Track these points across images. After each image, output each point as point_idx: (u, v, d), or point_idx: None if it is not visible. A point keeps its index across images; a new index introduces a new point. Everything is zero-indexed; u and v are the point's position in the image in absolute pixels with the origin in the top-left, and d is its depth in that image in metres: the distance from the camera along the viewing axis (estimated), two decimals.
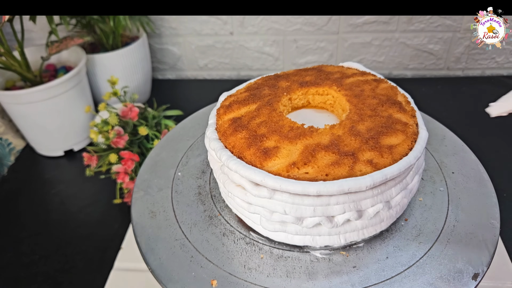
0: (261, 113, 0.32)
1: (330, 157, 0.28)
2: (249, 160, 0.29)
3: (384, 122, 0.30)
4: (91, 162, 0.55)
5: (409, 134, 0.30)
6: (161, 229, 0.33)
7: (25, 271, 0.49)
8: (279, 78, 0.38)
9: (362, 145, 0.28)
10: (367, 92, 0.34)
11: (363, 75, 0.38)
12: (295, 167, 0.27)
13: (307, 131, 0.30)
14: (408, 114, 0.32)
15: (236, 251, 0.31)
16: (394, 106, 0.32)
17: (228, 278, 0.29)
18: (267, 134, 0.30)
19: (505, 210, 0.35)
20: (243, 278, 0.29)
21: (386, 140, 0.29)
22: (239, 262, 0.30)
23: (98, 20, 0.65)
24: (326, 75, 0.38)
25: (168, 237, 0.32)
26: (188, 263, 0.30)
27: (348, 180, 0.26)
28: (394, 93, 0.34)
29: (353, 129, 0.30)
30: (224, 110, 0.34)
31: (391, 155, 0.28)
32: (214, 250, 0.31)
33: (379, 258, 0.30)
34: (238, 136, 0.30)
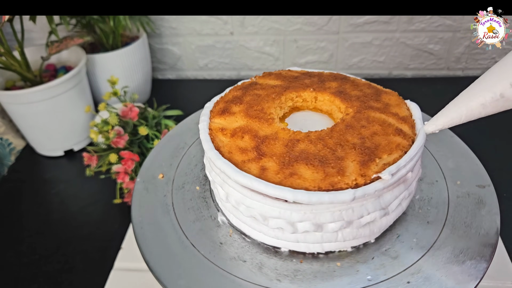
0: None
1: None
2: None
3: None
4: (91, 162, 0.55)
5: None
6: (161, 229, 0.33)
7: (25, 271, 0.49)
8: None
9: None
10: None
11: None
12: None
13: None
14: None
15: (236, 251, 0.31)
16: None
17: (229, 278, 0.29)
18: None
19: (505, 210, 0.35)
20: (244, 278, 0.29)
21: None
22: (237, 263, 0.30)
23: (98, 20, 0.65)
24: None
25: (169, 237, 0.32)
26: (188, 263, 0.30)
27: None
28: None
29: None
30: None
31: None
32: (214, 250, 0.31)
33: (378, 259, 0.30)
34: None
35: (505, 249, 0.43)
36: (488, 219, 0.32)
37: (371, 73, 0.80)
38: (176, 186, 0.37)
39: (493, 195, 0.34)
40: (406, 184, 0.29)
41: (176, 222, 0.34)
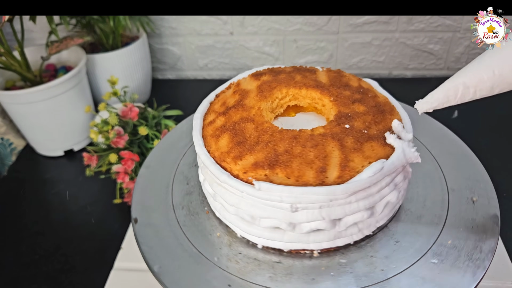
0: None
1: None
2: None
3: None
4: (91, 162, 0.55)
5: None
6: (161, 229, 0.33)
7: (25, 271, 0.49)
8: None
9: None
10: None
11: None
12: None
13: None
14: None
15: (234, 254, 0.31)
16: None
17: (229, 278, 0.29)
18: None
19: (505, 210, 0.35)
20: (244, 278, 0.29)
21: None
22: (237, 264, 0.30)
23: (98, 20, 0.65)
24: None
25: (169, 237, 0.32)
26: (189, 263, 0.30)
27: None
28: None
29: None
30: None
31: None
32: (214, 250, 0.31)
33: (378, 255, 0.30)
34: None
35: (505, 249, 0.43)
36: (488, 219, 0.32)
37: (371, 73, 0.80)
38: (176, 186, 0.37)
39: (493, 195, 0.34)
40: (392, 185, 0.29)
41: (176, 222, 0.34)
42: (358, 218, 0.29)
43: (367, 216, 0.29)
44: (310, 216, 0.28)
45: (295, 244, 0.30)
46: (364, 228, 0.30)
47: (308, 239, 0.30)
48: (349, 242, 0.31)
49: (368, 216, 0.29)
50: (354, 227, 0.30)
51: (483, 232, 0.31)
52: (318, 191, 0.27)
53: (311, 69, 0.39)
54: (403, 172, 0.30)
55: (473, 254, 0.29)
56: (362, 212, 0.29)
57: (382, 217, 0.31)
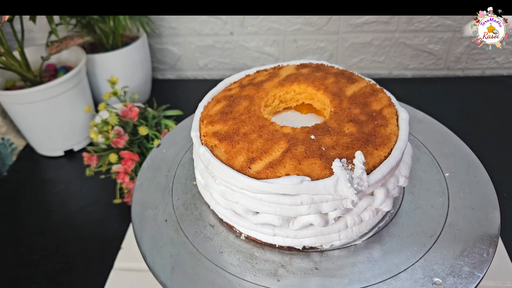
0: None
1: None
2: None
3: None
4: (91, 162, 0.55)
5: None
6: (161, 229, 0.33)
7: (25, 271, 0.49)
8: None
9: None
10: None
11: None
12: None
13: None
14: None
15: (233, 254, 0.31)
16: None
17: (229, 278, 0.29)
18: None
19: (505, 210, 0.35)
20: (244, 278, 0.29)
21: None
22: (236, 265, 0.30)
23: (98, 20, 0.65)
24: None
25: (169, 237, 0.32)
26: (189, 263, 0.30)
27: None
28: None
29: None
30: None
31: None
32: (214, 250, 0.31)
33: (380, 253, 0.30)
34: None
35: (505, 249, 0.43)
36: (488, 219, 0.32)
37: (371, 73, 0.80)
38: (176, 186, 0.37)
39: (493, 195, 0.34)
40: (313, 207, 0.29)
41: (176, 222, 0.34)
42: (270, 220, 0.29)
43: (279, 223, 0.29)
44: (229, 196, 0.30)
45: (223, 216, 0.32)
46: (284, 236, 0.30)
47: (230, 218, 0.31)
48: (270, 242, 0.31)
49: (280, 223, 0.29)
50: (269, 228, 0.30)
51: (483, 232, 0.31)
52: (231, 175, 0.28)
53: (354, 78, 0.36)
54: (336, 203, 0.28)
55: (473, 254, 0.29)
56: (273, 216, 0.29)
57: (305, 236, 0.30)
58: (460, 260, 0.29)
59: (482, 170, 0.36)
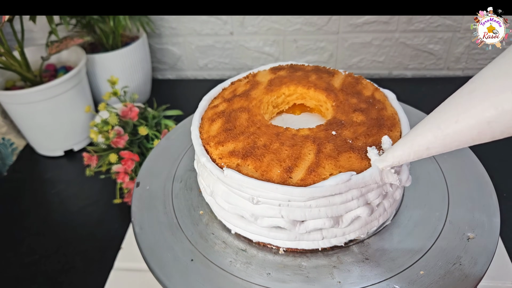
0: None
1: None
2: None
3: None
4: (91, 162, 0.55)
5: None
6: (161, 229, 0.33)
7: (25, 271, 0.49)
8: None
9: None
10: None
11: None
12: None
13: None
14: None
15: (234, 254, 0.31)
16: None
17: (229, 278, 0.29)
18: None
19: (505, 210, 0.35)
20: (245, 278, 0.29)
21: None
22: (237, 265, 0.30)
23: (98, 20, 0.65)
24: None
25: (169, 237, 0.32)
26: (189, 263, 0.30)
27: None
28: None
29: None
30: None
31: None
32: (214, 251, 0.31)
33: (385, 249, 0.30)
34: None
35: (505, 249, 0.43)
36: (488, 219, 0.32)
37: (371, 73, 0.80)
38: (176, 186, 0.37)
39: (493, 195, 0.34)
40: (361, 200, 0.29)
41: (176, 222, 0.34)
42: (320, 224, 0.28)
43: (330, 225, 0.28)
44: (270, 211, 0.28)
45: (259, 236, 0.31)
46: (330, 237, 0.30)
47: (269, 234, 0.30)
48: (315, 248, 0.30)
49: (330, 225, 0.28)
50: (317, 233, 0.29)
51: (483, 231, 0.31)
52: (276, 189, 0.27)
53: (331, 72, 0.38)
54: (380, 190, 0.29)
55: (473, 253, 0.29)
56: (323, 219, 0.28)
57: (351, 230, 0.30)
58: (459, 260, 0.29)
59: (482, 170, 0.36)
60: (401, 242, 0.31)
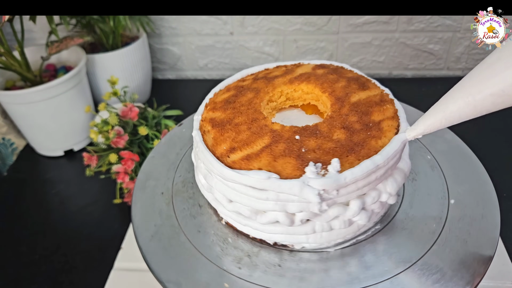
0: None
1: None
2: None
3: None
4: (91, 162, 0.55)
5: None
6: (161, 229, 0.33)
7: (25, 271, 0.49)
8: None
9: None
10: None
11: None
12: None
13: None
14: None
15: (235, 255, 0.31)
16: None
17: (230, 278, 0.29)
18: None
19: (505, 210, 0.35)
20: (245, 278, 0.29)
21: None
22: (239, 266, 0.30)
23: (98, 20, 0.65)
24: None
25: (169, 237, 0.32)
26: (189, 263, 0.30)
27: None
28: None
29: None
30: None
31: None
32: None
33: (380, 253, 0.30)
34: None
35: (505, 249, 0.43)
36: (488, 219, 0.32)
37: (371, 73, 0.80)
38: (176, 186, 0.37)
39: (493, 195, 0.34)
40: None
41: (176, 222, 0.34)
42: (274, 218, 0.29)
43: (283, 220, 0.28)
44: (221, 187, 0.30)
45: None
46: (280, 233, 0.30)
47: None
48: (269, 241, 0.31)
49: (284, 221, 0.28)
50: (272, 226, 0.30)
51: (483, 231, 0.31)
52: (210, 160, 0.29)
53: (367, 85, 0.35)
54: (302, 205, 0.27)
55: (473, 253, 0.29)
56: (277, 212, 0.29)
57: (298, 232, 0.30)
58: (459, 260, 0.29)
59: (482, 170, 0.36)
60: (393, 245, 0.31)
